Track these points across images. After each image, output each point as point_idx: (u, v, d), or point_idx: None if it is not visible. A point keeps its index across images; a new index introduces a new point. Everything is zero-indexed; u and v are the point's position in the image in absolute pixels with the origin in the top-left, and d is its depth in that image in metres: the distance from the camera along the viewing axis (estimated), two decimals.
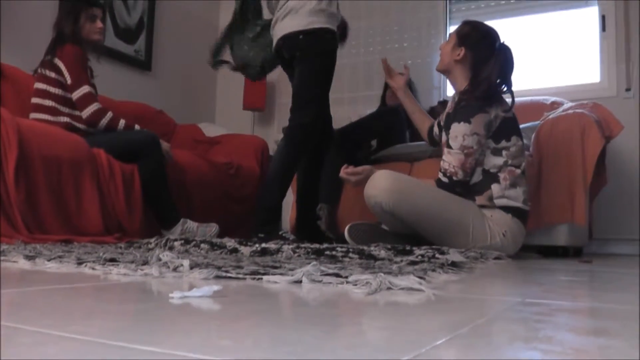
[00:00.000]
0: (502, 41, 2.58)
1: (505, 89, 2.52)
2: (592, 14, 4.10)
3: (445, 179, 2.45)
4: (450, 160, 2.44)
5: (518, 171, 2.46)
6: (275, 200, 2.79)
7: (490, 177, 2.45)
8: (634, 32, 3.86)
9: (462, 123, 2.41)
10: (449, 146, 2.46)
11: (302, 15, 2.82)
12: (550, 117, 3.10)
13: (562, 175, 2.88)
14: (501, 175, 2.44)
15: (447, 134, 2.51)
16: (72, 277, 1.26)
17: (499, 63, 2.49)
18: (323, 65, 2.88)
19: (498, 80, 2.50)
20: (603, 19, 3.99)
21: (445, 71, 2.67)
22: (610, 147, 3.20)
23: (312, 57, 2.86)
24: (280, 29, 2.89)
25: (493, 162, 2.45)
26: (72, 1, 3.30)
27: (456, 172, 2.42)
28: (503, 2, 4.40)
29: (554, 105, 3.56)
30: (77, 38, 3.06)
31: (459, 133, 2.42)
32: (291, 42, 2.86)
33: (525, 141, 3.20)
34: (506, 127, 2.46)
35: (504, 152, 2.44)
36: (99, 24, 3.16)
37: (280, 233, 2.58)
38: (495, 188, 2.43)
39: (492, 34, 2.60)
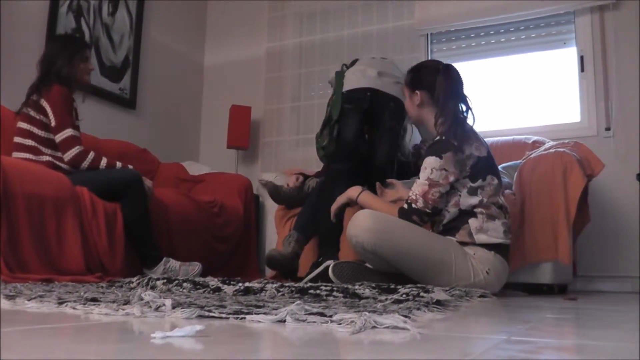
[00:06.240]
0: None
1: (464, 108, 2.56)
2: (570, 54, 4.18)
3: (405, 206, 2.48)
4: (415, 188, 2.48)
5: (493, 207, 2.47)
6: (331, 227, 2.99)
7: (467, 214, 2.46)
8: (612, 72, 3.94)
9: (433, 157, 2.45)
10: (418, 177, 2.49)
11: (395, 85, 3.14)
12: (532, 156, 3.13)
13: (545, 214, 2.90)
14: (477, 210, 2.45)
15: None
16: (52, 317, 1.24)
17: (442, 79, 2.55)
18: None
19: (454, 100, 2.54)
20: (582, 59, 4.07)
21: (418, 122, 2.77)
22: (592, 186, 3.23)
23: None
24: (376, 84, 3.15)
25: (469, 201, 2.46)
26: (66, 40, 3.29)
27: (416, 199, 2.45)
28: (484, 42, 4.48)
29: (536, 144, 3.60)
30: (67, 78, 3.04)
31: (429, 165, 2.45)
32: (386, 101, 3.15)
33: (507, 180, 3.24)
34: (483, 166, 2.48)
35: (479, 192, 2.46)
36: (91, 64, 3.18)
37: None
38: (472, 222, 2.44)
39: (427, 63, 2.80)
